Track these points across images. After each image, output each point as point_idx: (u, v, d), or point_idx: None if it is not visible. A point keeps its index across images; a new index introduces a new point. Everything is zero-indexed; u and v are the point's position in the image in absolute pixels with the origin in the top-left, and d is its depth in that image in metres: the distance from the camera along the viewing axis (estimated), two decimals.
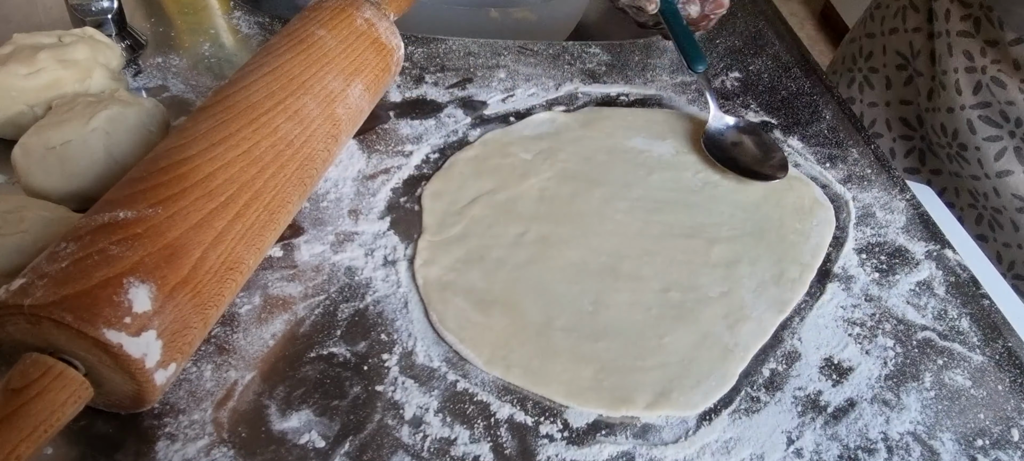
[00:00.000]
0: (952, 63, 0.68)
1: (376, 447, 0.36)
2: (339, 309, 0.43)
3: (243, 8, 0.72)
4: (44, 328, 0.32)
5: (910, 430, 0.39)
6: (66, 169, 0.45)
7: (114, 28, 0.63)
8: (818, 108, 0.65)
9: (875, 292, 0.47)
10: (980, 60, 0.65)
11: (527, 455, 0.37)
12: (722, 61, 0.71)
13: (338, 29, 0.51)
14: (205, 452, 0.35)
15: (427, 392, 0.39)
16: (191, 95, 0.60)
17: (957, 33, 0.68)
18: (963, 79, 0.67)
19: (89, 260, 0.34)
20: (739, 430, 0.38)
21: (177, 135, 0.41)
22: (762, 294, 0.46)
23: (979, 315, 0.46)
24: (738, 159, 0.55)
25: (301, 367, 0.40)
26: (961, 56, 0.68)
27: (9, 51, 0.52)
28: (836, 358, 0.43)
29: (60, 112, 0.48)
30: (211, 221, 0.38)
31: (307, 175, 0.45)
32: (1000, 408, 0.41)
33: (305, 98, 0.46)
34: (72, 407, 0.33)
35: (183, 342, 0.36)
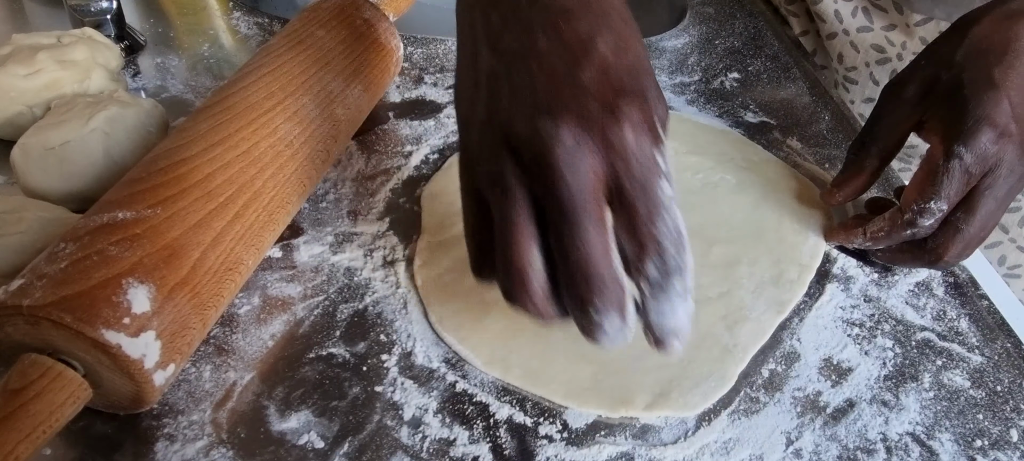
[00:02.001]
0: (860, 59, 0.70)
1: (375, 448, 0.36)
2: (338, 310, 0.43)
3: (242, 9, 0.72)
4: (43, 329, 0.32)
5: (909, 431, 0.39)
6: (65, 170, 0.45)
7: (113, 29, 0.63)
8: (817, 109, 0.65)
9: (874, 293, 0.47)
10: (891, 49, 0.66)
11: (526, 455, 0.37)
12: (721, 62, 0.71)
13: (337, 30, 0.51)
14: (204, 453, 0.35)
15: (426, 393, 0.39)
16: (190, 96, 0.60)
17: (857, 30, 0.70)
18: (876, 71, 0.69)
19: (88, 261, 0.34)
20: (738, 431, 0.38)
21: (176, 136, 0.41)
22: (761, 295, 0.46)
23: (978, 316, 0.46)
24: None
25: (300, 368, 0.40)
26: (871, 50, 0.70)
27: (8, 52, 0.52)
28: (835, 359, 0.43)
29: (59, 113, 0.47)
30: (210, 222, 0.38)
31: (306, 176, 0.45)
32: (999, 408, 0.41)
33: (304, 99, 0.46)
34: (71, 408, 0.33)
35: (182, 343, 0.36)
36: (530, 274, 0.30)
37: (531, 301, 0.31)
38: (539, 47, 0.31)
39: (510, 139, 0.30)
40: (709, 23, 0.78)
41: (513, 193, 0.30)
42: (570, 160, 0.29)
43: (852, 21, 0.70)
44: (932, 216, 0.44)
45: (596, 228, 0.30)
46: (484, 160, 0.31)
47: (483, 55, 0.33)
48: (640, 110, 0.30)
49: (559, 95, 0.30)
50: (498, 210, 0.31)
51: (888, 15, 0.69)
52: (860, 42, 0.71)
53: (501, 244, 0.31)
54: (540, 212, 0.31)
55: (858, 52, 0.71)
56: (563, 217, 0.29)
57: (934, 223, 0.44)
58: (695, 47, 0.73)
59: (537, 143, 0.29)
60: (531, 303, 0.31)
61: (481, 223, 0.33)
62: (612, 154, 0.30)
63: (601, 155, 0.30)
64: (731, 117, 0.63)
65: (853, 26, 0.71)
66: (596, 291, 0.30)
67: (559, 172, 0.29)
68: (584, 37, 0.31)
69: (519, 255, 0.30)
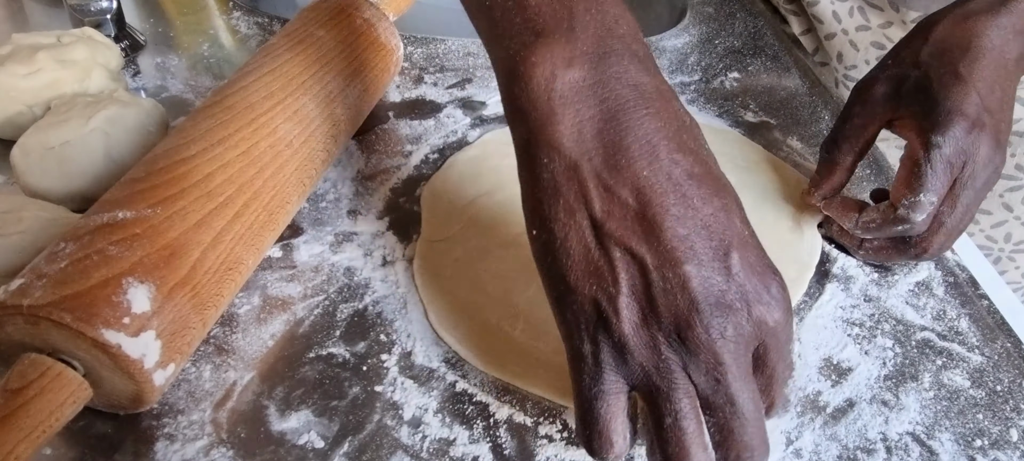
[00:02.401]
0: (860, 57, 0.71)
1: (375, 447, 0.36)
2: (338, 309, 0.43)
3: (242, 8, 0.72)
4: (43, 328, 0.32)
5: (909, 430, 0.39)
6: (65, 169, 0.45)
7: (113, 28, 0.63)
8: (817, 108, 0.65)
9: (874, 292, 0.47)
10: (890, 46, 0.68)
11: (526, 455, 0.37)
12: (721, 61, 0.71)
13: (337, 29, 0.51)
14: (204, 452, 0.35)
15: (426, 392, 0.39)
16: (190, 95, 0.60)
17: (856, 29, 0.70)
18: None
19: (88, 260, 0.34)
20: None
21: (176, 135, 0.41)
22: None
23: (978, 315, 0.46)
24: None
25: (300, 367, 0.40)
26: (870, 48, 0.70)
27: (8, 51, 0.52)
28: (835, 358, 0.43)
29: (59, 112, 0.47)
30: (210, 221, 0.38)
31: (306, 175, 0.45)
32: (999, 408, 0.41)
33: (304, 98, 0.46)
34: (71, 407, 0.33)
35: (182, 342, 0.36)
36: (704, 460, 0.31)
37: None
38: (681, 233, 0.30)
39: (670, 334, 0.30)
40: (709, 23, 0.78)
41: (683, 387, 0.30)
42: (737, 351, 0.30)
43: (850, 20, 0.71)
44: (923, 210, 0.44)
45: (756, 407, 0.31)
46: (639, 352, 0.30)
47: (609, 234, 0.30)
48: (781, 283, 0.32)
49: (715, 286, 0.30)
50: (668, 403, 0.30)
51: (885, 13, 0.69)
52: (859, 41, 0.71)
53: (678, 438, 0.30)
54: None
55: (858, 51, 0.71)
56: (730, 405, 0.30)
57: (927, 219, 0.45)
58: (695, 47, 0.73)
59: (706, 340, 0.29)
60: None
61: (614, 405, 0.31)
62: (765, 332, 0.31)
63: (757, 336, 0.31)
64: (731, 117, 0.63)
65: (851, 25, 0.71)
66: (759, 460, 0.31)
67: (728, 366, 0.30)
68: (719, 211, 0.31)
69: (697, 446, 0.30)
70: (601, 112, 0.31)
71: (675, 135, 0.32)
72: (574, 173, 0.31)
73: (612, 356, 0.31)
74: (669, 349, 0.30)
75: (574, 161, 0.31)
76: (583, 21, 0.32)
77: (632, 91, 0.32)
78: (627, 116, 0.31)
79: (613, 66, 0.32)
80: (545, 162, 0.32)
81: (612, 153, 0.31)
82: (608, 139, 0.31)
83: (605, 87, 0.32)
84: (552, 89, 0.31)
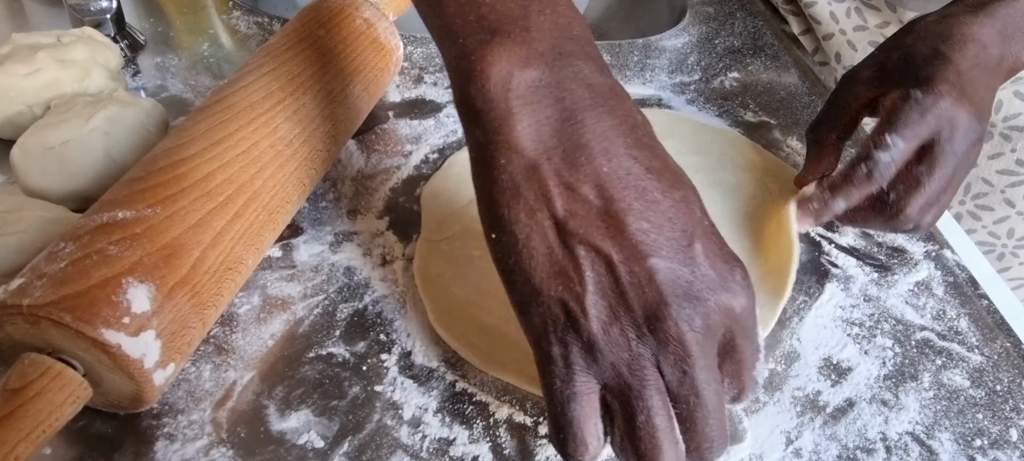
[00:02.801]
0: (858, 57, 0.71)
1: (375, 447, 0.36)
2: (338, 309, 0.43)
3: (242, 8, 0.72)
4: (43, 328, 0.32)
5: (909, 430, 0.39)
6: (65, 169, 0.45)
7: (113, 28, 0.63)
8: (817, 108, 0.65)
9: (874, 292, 0.47)
10: None
11: (526, 455, 0.37)
12: (721, 61, 0.71)
13: (337, 29, 0.51)
14: (204, 452, 0.35)
15: (426, 392, 0.39)
16: (190, 95, 0.60)
17: (853, 29, 0.70)
18: None
19: (88, 260, 0.34)
20: (738, 430, 0.38)
21: (176, 135, 0.41)
22: (759, 291, 0.46)
23: (978, 315, 0.46)
24: None
25: (300, 367, 0.40)
26: (868, 47, 0.70)
27: (8, 51, 0.52)
28: (835, 358, 0.43)
29: (59, 112, 0.47)
30: (210, 221, 0.38)
31: (306, 175, 0.45)
32: (999, 408, 0.41)
33: (304, 98, 0.46)
34: (71, 407, 0.33)
35: (182, 342, 0.36)
36: (674, 455, 0.31)
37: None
38: (644, 226, 0.30)
39: (639, 328, 0.30)
40: (709, 22, 0.78)
41: (654, 383, 0.30)
42: (704, 341, 0.30)
43: (847, 21, 0.71)
44: (887, 149, 0.44)
45: (719, 398, 0.31)
46: (609, 350, 0.30)
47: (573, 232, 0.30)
48: (743, 270, 0.32)
49: (681, 277, 0.30)
50: (640, 401, 0.30)
51: (882, 13, 0.69)
52: (857, 41, 0.71)
53: (651, 434, 0.30)
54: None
55: (856, 51, 0.71)
56: (696, 396, 0.30)
57: (890, 161, 0.44)
58: (695, 46, 0.73)
59: (675, 331, 0.29)
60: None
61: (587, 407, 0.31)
62: (731, 319, 0.31)
63: (722, 323, 0.31)
64: (731, 117, 0.63)
65: (849, 26, 0.71)
66: (718, 453, 0.31)
67: (696, 356, 0.30)
68: (680, 202, 0.31)
69: (668, 442, 0.30)
70: (558, 112, 0.31)
71: (630, 132, 0.32)
72: (534, 173, 0.31)
73: (582, 357, 0.30)
74: (640, 345, 0.30)
75: (533, 161, 0.31)
76: (537, 21, 0.32)
77: (588, 91, 0.32)
78: (584, 115, 0.31)
79: (569, 67, 0.32)
80: (503, 163, 0.31)
81: (572, 151, 0.31)
82: (567, 138, 0.31)
83: (561, 87, 0.32)
84: (509, 89, 0.31)
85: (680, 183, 0.32)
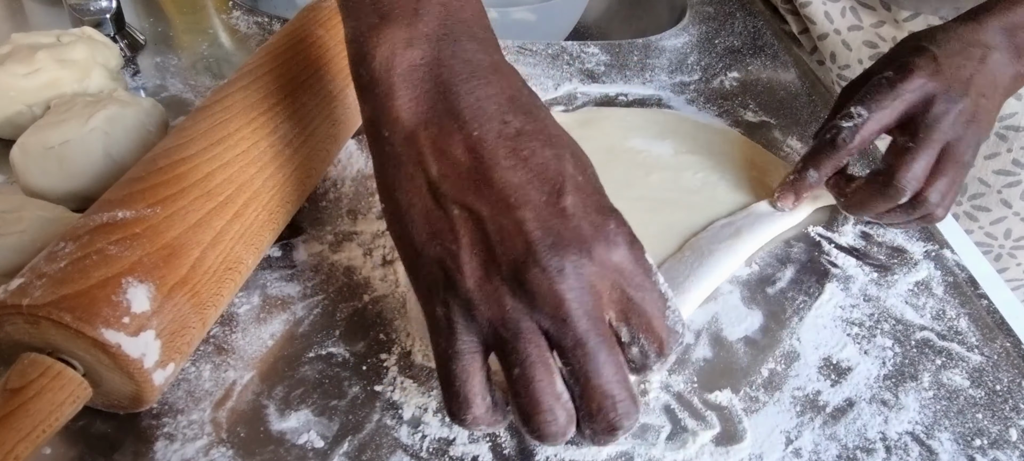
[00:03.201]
0: (853, 57, 0.71)
1: (375, 447, 0.36)
2: (338, 309, 0.43)
3: (241, 8, 0.72)
4: (42, 328, 0.32)
5: (908, 430, 0.39)
6: (64, 169, 0.45)
7: (113, 28, 0.63)
8: (817, 108, 0.65)
9: (874, 292, 0.47)
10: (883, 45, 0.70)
11: (525, 455, 0.37)
12: (721, 61, 0.71)
13: (337, 29, 0.51)
14: (204, 452, 0.35)
15: (425, 392, 0.39)
16: (190, 95, 0.60)
17: (848, 29, 0.71)
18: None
19: (87, 260, 0.34)
20: (738, 430, 0.38)
21: (176, 135, 0.41)
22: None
23: (977, 315, 0.46)
24: None
25: (300, 367, 0.40)
26: (863, 47, 0.71)
27: (7, 51, 0.52)
28: (834, 358, 0.43)
29: (58, 112, 0.47)
30: (210, 221, 0.38)
31: (306, 175, 0.45)
32: (998, 408, 0.41)
33: (304, 98, 0.46)
34: (70, 407, 0.33)
35: (182, 342, 0.36)
36: (558, 409, 0.31)
37: (562, 434, 0.31)
38: (513, 181, 0.31)
39: (511, 281, 0.30)
40: (709, 22, 0.78)
41: (528, 335, 0.30)
42: (580, 291, 0.30)
43: (842, 21, 0.71)
44: (850, 119, 0.47)
45: (611, 352, 0.31)
46: (484, 306, 0.30)
47: (445, 193, 0.32)
48: (620, 222, 0.32)
49: (551, 228, 0.30)
50: (515, 354, 0.30)
51: (876, 12, 0.69)
52: (852, 40, 0.71)
53: (525, 386, 0.30)
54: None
55: (851, 50, 0.71)
56: (580, 348, 0.30)
57: (853, 127, 0.47)
58: (695, 46, 0.73)
59: (545, 281, 0.30)
60: (562, 436, 0.31)
61: (469, 364, 0.31)
62: (614, 271, 0.31)
63: (604, 276, 0.31)
64: (731, 116, 0.63)
65: (843, 26, 0.71)
66: (624, 413, 0.31)
67: (571, 305, 0.30)
68: (550, 159, 0.32)
69: (547, 394, 0.30)
70: (436, 85, 0.33)
71: (508, 101, 0.33)
72: (412, 141, 0.33)
73: (462, 315, 0.31)
74: (512, 297, 0.30)
75: (411, 130, 0.33)
76: (428, 5, 0.34)
77: (467, 66, 0.33)
78: (460, 86, 0.33)
79: (451, 46, 0.34)
80: (387, 135, 0.33)
81: (446, 118, 0.32)
82: (442, 107, 0.33)
83: (441, 64, 0.33)
84: (392, 68, 0.33)
85: (555, 142, 0.33)
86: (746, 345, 0.43)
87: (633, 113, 0.62)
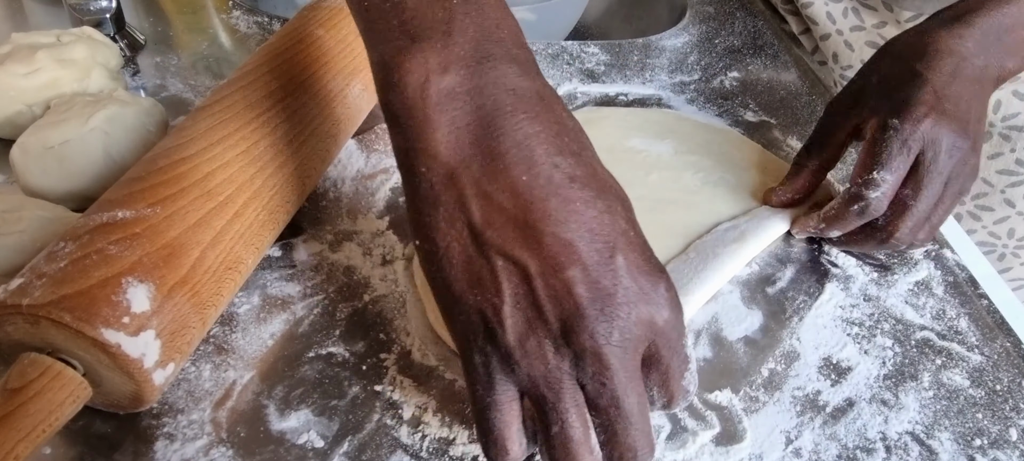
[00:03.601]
0: (855, 57, 0.71)
1: (375, 447, 0.36)
2: (338, 309, 0.43)
3: (241, 7, 0.72)
4: (42, 328, 0.32)
5: (908, 430, 0.39)
6: (64, 169, 0.45)
7: (112, 27, 0.63)
8: (817, 107, 0.65)
9: (874, 292, 0.47)
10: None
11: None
12: (721, 61, 0.71)
13: (337, 28, 0.51)
14: (204, 452, 0.35)
15: (425, 392, 0.39)
16: (190, 94, 0.60)
17: (850, 29, 0.71)
18: None
19: (87, 260, 0.34)
20: (738, 430, 0.38)
21: (176, 135, 0.41)
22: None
23: (977, 315, 0.46)
24: None
25: (300, 367, 0.40)
26: (865, 47, 0.71)
27: (7, 50, 0.52)
28: (835, 358, 0.43)
29: (58, 112, 0.47)
30: (210, 221, 0.38)
31: (306, 175, 0.45)
32: (998, 408, 0.41)
33: (304, 98, 0.46)
34: (70, 407, 0.33)
35: (182, 342, 0.36)
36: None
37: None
38: (564, 238, 0.30)
39: (556, 340, 0.29)
40: (709, 22, 0.78)
41: (568, 395, 0.30)
42: (623, 355, 0.30)
43: (844, 21, 0.71)
44: (877, 187, 0.45)
45: (642, 409, 0.31)
46: (525, 362, 0.30)
47: (489, 242, 0.30)
48: (669, 285, 0.31)
49: (602, 290, 0.29)
50: (554, 412, 0.30)
51: (879, 13, 0.69)
52: (854, 41, 0.71)
53: (564, 444, 0.30)
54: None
55: (853, 51, 0.71)
56: (615, 408, 0.30)
57: (881, 196, 0.45)
58: (695, 46, 0.73)
59: (592, 345, 0.29)
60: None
61: (508, 415, 0.31)
62: (654, 332, 0.31)
63: (645, 336, 0.31)
64: (731, 116, 0.63)
65: (846, 26, 0.71)
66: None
67: (615, 370, 0.29)
68: (603, 213, 0.31)
69: (583, 451, 0.30)
70: (478, 118, 0.31)
71: (555, 138, 0.31)
72: (452, 181, 0.31)
73: (501, 366, 0.30)
74: (556, 356, 0.30)
75: (452, 169, 0.31)
76: (462, 25, 0.32)
77: (510, 95, 0.31)
78: (504, 121, 0.31)
79: (490, 71, 0.31)
80: (423, 171, 0.31)
81: (490, 159, 0.30)
82: (486, 145, 0.30)
83: (482, 93, 0.31)
84: (426, 96, 0.31)
85: (605, 193, 0.31)
86: (746, 345, 0.43)
87: (633, 113, 0.62)
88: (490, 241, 0.30)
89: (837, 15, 0.71)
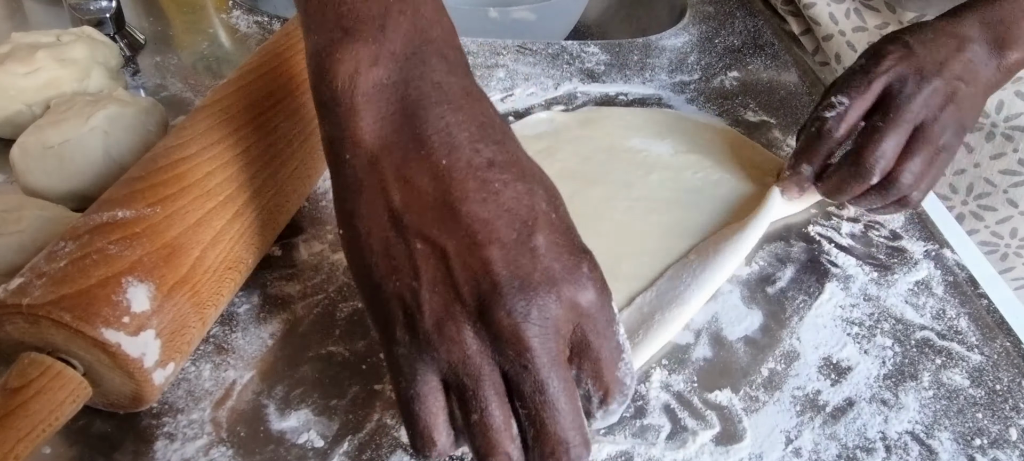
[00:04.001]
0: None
1: (375, 446, 0.36)
2: (338, 308, 0.43)
3: (241, 7, 0.72)
4: (42, 327, 0.32)
5: (908, 429, 0.39)
6: (64, 168, 0.45)
7: (112, 27, 0.63)
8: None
9: (873, 292, 0.47)
10: None
11: None
12: (721, 60, 0.71)
13: None
14: (204, 451, 0.35)
15: None
16: (189, 94, 0.60)
17: (853, 30, 0.71)
18: None
19: (87, 259, 0.34)
20: (738, 430, 0.38)
21: (176, 134, 0.41)
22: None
23: (977, 314, 0.46)
24: None
25: (300, 366, 0.40)
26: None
27: (7, 50, 0.52)
28: (834, 357, 0.43)
29: (58, 111, 0.47)
30: (210, 220, 0.38)
31: (306, 174, 0.45)
32: (998, 407, 0.41)
33: (304, 98, 0.46)
34: (70, 406, 0.33)
35: (182, 341, 0.36)
36: (514, 451, 0.30)
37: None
38: (482, 216, 0.29)
39: (474, 322, 0.29)
40: (709, 22, 0.78)
41: (488, 380, 0.29)
42: (544, 336, 0.29)
43: (846, 22, 0.71)
44: (833, 109, 0.48)
45: (570, 398, 0.30)
46: (444, 348, 0.29)
47: (408, 225, 0.30)
48: (593, 265, 0.31)
49: (520, 268, 0.29)
50: (475, 400, 0.29)
51: (881, 14, 0.69)
52: (857, 42, 0.71)
53: (484, 431, 0.29)
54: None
55: (855, 51, 0.71)
56: (540, 394, 0.29)
57: (837, 116, 0.47)
58: (695, 46, 0.73)
59: (510, 325, 0.28)
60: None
61: (432, 406, 0.30)
62: (579, 314, 0.30)
63: (569, 318, 0.30)
64: (731, 116, 0.63)
65: (848, 27, 0.71)
66: (575, 458, 0.30)
67: (535, 351, 0.29)
68: (522, 193, 0.31)
69: (504, 439, 0.30)
70: (402, 107, 0.31)
71: (478, 128, 0.32)
72: (374, 167, 0.31)
73: (421, 354, 0.30)
74: (475, 339, 0.29)
75: (375, 155, 0.31)
76: (396, 22, 0.32)
77: (435, 88, 0.32)
78: (428, 111, 0.31)
79: (419, 66, 0.32)
80: (348, 158, 0.32)
81: (412, 145, 0.31)
82: (409, 132, 0.31)
83: (408, 85, 0.32)
84: (355, 86, 0.31)
85: (527, 176, 0.31)
86: (746, 345, 0.43)
87: (633, 113, 0.62)
88: (409, 224, 0.30)
89: (839, 16, 0.71)
